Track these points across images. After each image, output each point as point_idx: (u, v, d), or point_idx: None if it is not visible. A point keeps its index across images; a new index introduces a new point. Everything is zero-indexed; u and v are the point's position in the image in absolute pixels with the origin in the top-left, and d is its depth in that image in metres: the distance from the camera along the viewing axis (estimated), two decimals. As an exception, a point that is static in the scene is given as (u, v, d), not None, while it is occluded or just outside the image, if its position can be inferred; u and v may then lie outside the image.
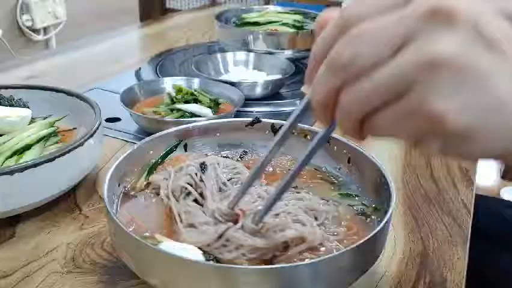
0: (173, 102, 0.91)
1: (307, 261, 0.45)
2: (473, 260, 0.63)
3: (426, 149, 0.31)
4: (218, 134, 0.69)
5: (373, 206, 0.57)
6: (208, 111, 0.87)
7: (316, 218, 0.53)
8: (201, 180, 0.56)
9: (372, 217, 0.56)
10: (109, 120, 0.95)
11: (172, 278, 0.45)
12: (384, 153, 0.83)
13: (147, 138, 0.63)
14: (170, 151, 0.66)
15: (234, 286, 0.43)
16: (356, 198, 0.59)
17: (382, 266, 0.58)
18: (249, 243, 0.48)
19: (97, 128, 0.70)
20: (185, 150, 0.67)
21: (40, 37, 2.29)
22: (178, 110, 0.88)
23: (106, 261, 0.59)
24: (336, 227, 0.54)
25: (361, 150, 0.61)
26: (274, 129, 0.68)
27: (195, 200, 0.55)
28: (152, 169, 0.63)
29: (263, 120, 0.68)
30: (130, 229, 0.52)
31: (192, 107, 0.88)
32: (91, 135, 0.68)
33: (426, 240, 0.63)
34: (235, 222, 0.50)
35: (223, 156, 0.66)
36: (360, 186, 0.61)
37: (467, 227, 0.66)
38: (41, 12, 2.22)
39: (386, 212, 0.50)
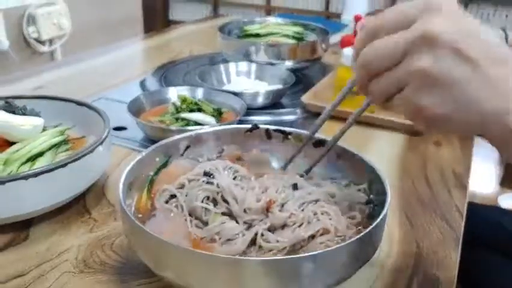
0: (178, 112, 0.94)
1: (314, 252, 0.47)
2: (471, 268, 0.66)
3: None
4: (219, 142, 0.72)
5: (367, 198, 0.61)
6: (211, 120, 0.91)
7: (336, 203, 0.58)
8: (218, 186, 0.59)
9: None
10: (116, 129, 0.98)
11: (183, 270, 0.48)
12: (380, 158, 0.87)
13: (156, 144, 0.66)
14: (165, 164, 0.68)
15: (243, 278, 0.46)
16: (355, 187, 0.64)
17: (377, 265, 0.61)
18: (279, 246, 0.53)
19: (106, 136, 0.74)
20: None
21: (46, 48, 2.33)
22: (183, 119, 0.92)
23: (115, 261, 0.62)
24: (352, 212, 0.58)
25: (349, 148, 0.64)
26: (269, 135, 0.71)
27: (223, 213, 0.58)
28: (150, 185, 0.64)
29: (261, 126, 0.71)
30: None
31: (196, 116, 0.91)
32: (101, 143, 0.72)
33: (420, 242, 0.66)
34: (267, 210, 0.56)
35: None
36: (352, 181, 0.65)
37: (459, 230, 0.69)
38: (47, 24, 2.27)
39: (383, 203, 0.53)
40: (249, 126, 0.72)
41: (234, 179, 0.61)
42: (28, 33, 2.22)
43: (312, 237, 0.54)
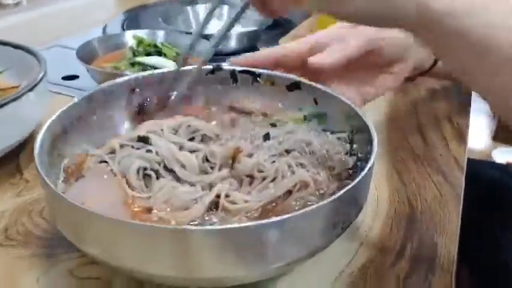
0: (135, 56, 0.82)
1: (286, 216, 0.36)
2: (464, 226, 0.56)
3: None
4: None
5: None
6: (172, 65, 0.78)
7: (312, 153, 0.48)
8: (157, 155, 0.46)
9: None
10: (66, 78, 0.87)
11: (113, 246, 0.37)
12: (368, 104, 0.75)
13: (90, 91, 0.54)
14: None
15: (189, 251, 0.35)
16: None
17: (362, 231, 0.51)
18: (248, 206, 0.42)
19: (39, 81, 0.61)
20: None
21: (10, 1, 2.16)
22: (139, 63, 0.79)
23: (43, 232, 0.50)
24: (331, 162, 0.48)
25: (328, 90, 0.53)
26: (235, 77, 0.59)
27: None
28: None
29: (224, 67, 0.59)
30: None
31: (155, 60, 0.79)
32: (31, 89, 0.59)
33: (413, 201, 0.56)
34: (233, 161, 0.46)
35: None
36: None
37: (459, 186, 0.59)
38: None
39: (368, 154, 0.42)
40: (210, 67, 0.59)
41: (191, 139, 0.50)
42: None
43: (289, 193, 0.44)
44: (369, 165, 0.40)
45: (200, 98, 0.59)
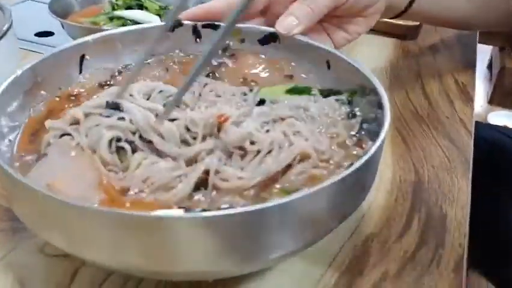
0: (114, 10, 0.75)
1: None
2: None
3: None
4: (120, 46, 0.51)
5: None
6: (155, 19, 0.72)
7: (311, 118, 0.42)
8: (131, 123, 0.39)
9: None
10: (39, 34, 0.81)
11: (74, 236, 0.31)
12: (368, 64, 0.70)
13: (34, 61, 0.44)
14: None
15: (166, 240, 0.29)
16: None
17: (364, 201, 0.46)
18: (244, 184, 0.35)
19: (4, 35, 0.55)
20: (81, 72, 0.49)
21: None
22: (119, 18, 0.72)
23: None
24: (334, 128, 0.41)
25: (340, 53, 0.47)
26: (197, 33, 0.52)
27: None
28: None
29: (185, 22, 0.51)
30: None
31: (135, 14, 0.72)
32: (-7, 43, 0.53)
33: (419, 168, 0.51)
34: (219, 130, 0.38)
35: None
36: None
37: (468, 150, 0.54)
38: None
39: (375, 118, 0.37)
40: (170, 23, 0.51)
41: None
42: None
43: (288, 166, 0.37)
44: (385, 129, 0.34)
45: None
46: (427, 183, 0.49)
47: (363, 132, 0.41)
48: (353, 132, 0.41)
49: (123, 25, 0.71)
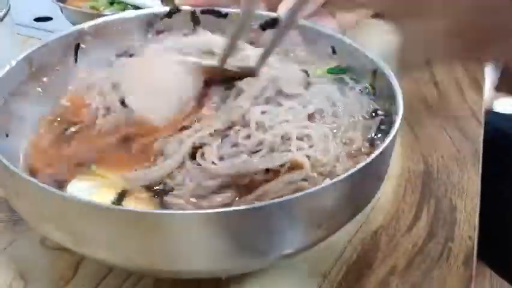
0: (114, -6, 0.73)
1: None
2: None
3: None
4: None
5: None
6: (156, 3, 0.70)
7: (335, 116, 0.39)
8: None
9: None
10: (38, 20, 0.79)
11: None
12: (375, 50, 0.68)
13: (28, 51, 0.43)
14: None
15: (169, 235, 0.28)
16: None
17: (374, 192, 0.45)
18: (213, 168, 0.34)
19: (1, 19, 0.53)
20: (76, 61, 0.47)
21: None
22: (119, 2, 0.71)
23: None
24: (353, 131, 0.39)
25: (347, 40, 0.45)
26: (196, 19, 0.49)
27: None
28: None
29: (183, 8, 0.49)
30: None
31: (136, -1, 0.71)
32: (-9, 28, 0.52)
33: (428, 158, 0.50)
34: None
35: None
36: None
37: (478, 140, 0.53)
38: None
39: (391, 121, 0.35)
40: (166, 9, 0.49)
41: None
42: None
43: (277, 173, 0.34)
44: (392, 133, 0.33)
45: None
46: (436, 173, 0.48)
47: (379, 135, 0.39)
48: (369, 136, 0.39)
49: (124, 9, 0.70)
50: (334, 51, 0.46)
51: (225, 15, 0.49)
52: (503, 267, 0.79)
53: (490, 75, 2.00)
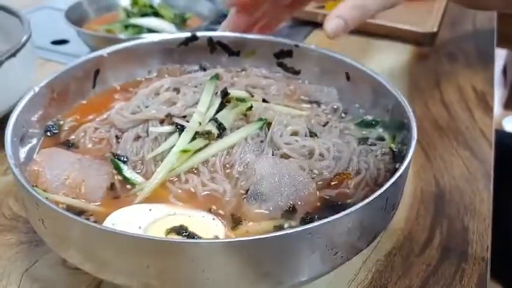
0: (129, 18, 0.75)
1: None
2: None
3: None
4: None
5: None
6: (170, 27, 0.72)
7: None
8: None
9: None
10: (55, 42, 0.81)
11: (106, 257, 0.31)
12: (385, 72, 0.69)
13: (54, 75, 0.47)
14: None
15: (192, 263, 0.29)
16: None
17: (387, 213, 0.46)
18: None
19: (23, 46, 0.55)
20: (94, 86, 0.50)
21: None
22: (134, 26, 0.73)
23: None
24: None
25: (360, 66, 0.47)
26: (213, 45, 0.52)
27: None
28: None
29: (200, 34, 0.52)
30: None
31: (151, 22, 0.73)
32: (13, 54, 0.53)
33: (440, 179, 0.51)
34: None
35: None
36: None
37: (489, 161, 0.54)
38: None
39: (406, 146, 0.37)
40: (184, 36, 0.52)
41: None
42: None
43: None
44: (409, 155, 0.35)
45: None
46: (448, 194, 0.49)
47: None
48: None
49: (139, 33, 0.72)
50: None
51: (237, 53, 0.52)
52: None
53: (498, 93, 2.00)
